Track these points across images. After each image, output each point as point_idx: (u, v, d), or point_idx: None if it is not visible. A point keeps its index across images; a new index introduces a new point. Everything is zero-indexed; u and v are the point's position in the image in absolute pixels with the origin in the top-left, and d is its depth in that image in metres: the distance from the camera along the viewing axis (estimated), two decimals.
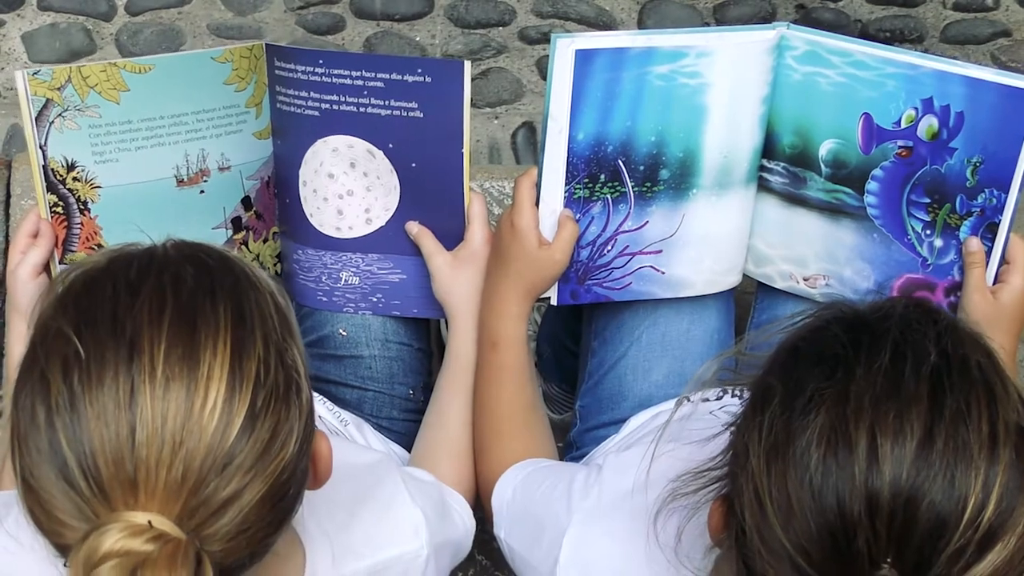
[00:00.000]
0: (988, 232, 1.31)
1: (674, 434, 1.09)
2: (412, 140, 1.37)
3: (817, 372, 0.85)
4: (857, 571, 0.80)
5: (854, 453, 0.80)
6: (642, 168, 1.37)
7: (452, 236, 1.42)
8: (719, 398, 1.29)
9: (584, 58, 1.29)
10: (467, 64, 1.32)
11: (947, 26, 2.26)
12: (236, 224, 1.46)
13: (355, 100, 1.37)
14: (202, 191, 1.41)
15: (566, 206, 1.37)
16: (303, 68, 1.37)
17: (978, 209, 1.31)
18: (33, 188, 1.34)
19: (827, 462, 0.81)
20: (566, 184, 1.35)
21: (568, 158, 1.34)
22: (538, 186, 1.35)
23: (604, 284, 1.43)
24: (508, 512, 1.27)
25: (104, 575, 0.76)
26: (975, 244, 1.31)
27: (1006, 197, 1.29)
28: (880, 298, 1.37)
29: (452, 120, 1.35)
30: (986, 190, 1.30)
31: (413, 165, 1.39)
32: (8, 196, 1.98)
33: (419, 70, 1.33)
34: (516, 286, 1.36)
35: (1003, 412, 0.82)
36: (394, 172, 1.40)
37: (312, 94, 1.37)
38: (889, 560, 0.79)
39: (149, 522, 0.78)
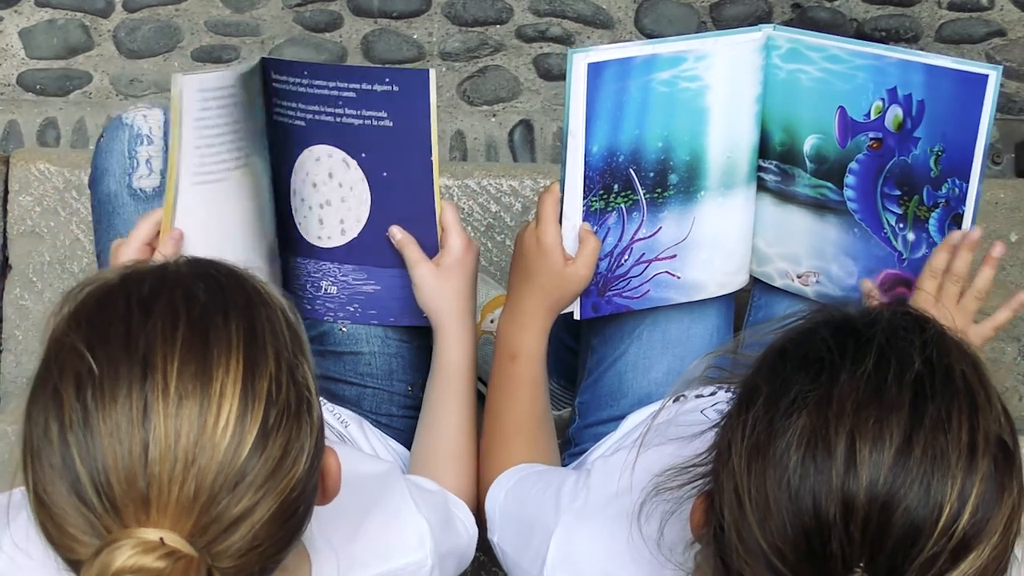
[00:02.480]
0: (954, 223, 1.32)
1: (663, 430, 1.10)
2: (383, 149, 1.38)
3: (802, 375, 0.86)
4: (830, 573, 0.80)
5: (832, 456, 0.81)
6: (652, 174, 1.38)
7: (424, 245, 1.41)
8: (712, 394, 1.30)
9: (595, 71, 1.30)
10: (432, 72, 1.32)
11: (942, 25, 2.26)
12: None
13: (332, 110, 1.37)
14: None
15: (584, 219, 1.38)
16: (293, 80, 1.38)
17: (943, 200, 1.31)
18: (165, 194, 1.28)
19: (806, 464, 0.82)
20: (584, 198, 1.36)
21: (584, 171, 1.35)
22: (561, 202, 1.36)
23: (623, 294, 1.44)
24: (500, 515, 1.29)
25: None
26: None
27: (967, 187, 1.29)
28: (862, 295, 1.38)
29: (420, 129, 1.35)
30: (949, 180, 1.30)
31: (384, 174, 1.39)
32: (6, 192, 1.98)
33: (387, 80, 1.34)
34: (542, 302, 1.38)
35: (984, 423, 0.82)
36: (365, 182, 1.40)
37: (299, 104, 1.38)
38: (862, 564, 0.80)
39: (161, 539, 0.79)
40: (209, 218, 1.32)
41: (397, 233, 1.41)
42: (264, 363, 0.85)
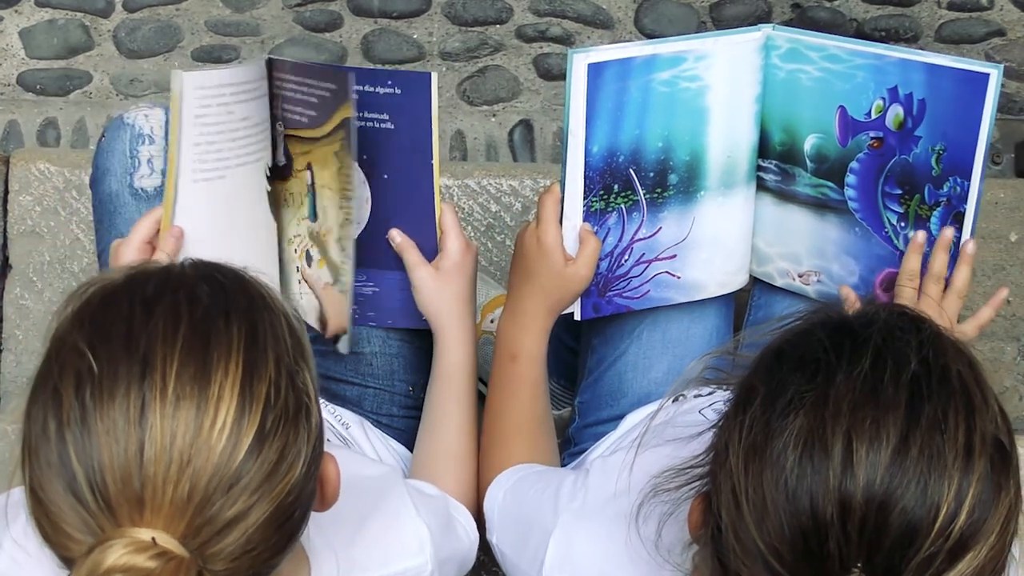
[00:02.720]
0: (955, 221, 1.32)
1: (660, 431, 1.10)
2: (384, 151, 1.37)
3: (799, 375, 0.85)
4: (827, 574, 0.81)
5: (829, 456, 0.81)
6: (652, 174, 1.38)
7: (423, 248, 1.41)
8: (711, 394, 1.30)
9: (595, 71, 1.30)
10: (434, 76, 1.32)
11: (942, 25, 2.26)
12: None
13: None
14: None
15: (584, 220, 1.38)
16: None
17: (944, 199, 1.31)
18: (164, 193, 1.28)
19: (803, 464, 0.82)
20: (584, 198, 1.36)
21: (585, 172, 1.35)
22: (561, 202, 1.36)
23: (624, 295, 1.44)
24: (499, 515, 1.29)
25: None
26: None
27: (969, 185, 1.29)
28: (863, 294, 1.39)
29: (421, 132, 1.35)
30: (950, 178, 1.30)
31: (385, 176, 1.39)
32: (6, 192, 1.98)
33: (389, 82, 1.34)
34: (542, 302, 1.38)
35: (980, 423, 0.82)
36: (366, 184, 1.40)
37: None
38: (859, 564, 0.80)
39: (153, 539, 0.79)
40: (210, 216, 1.32)
41: (396, 236, 1.40)
42: (264, 367, 0.85)
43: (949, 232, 1.31)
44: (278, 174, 1.44)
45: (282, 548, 0.87)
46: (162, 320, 0.84)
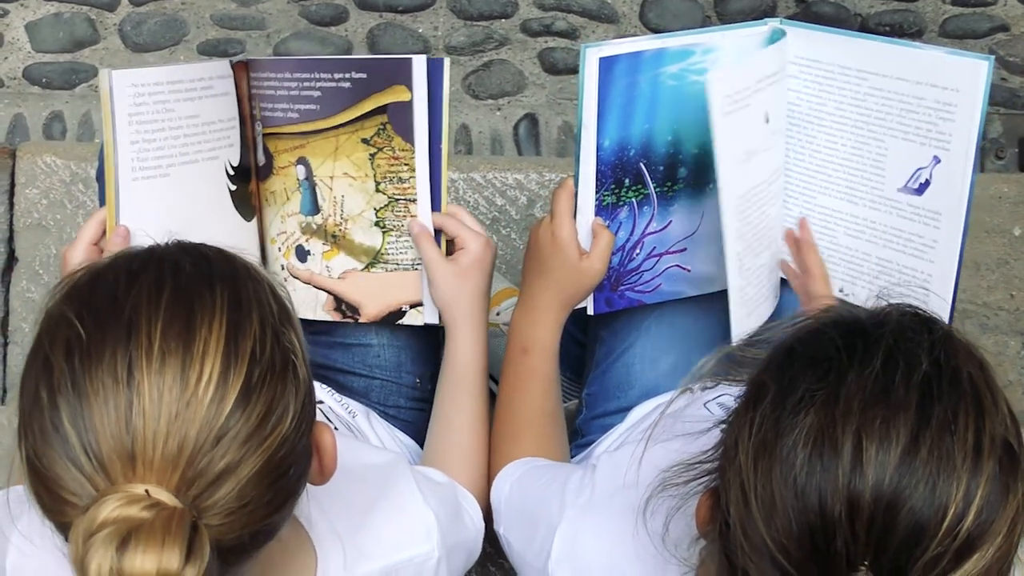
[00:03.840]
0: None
1: (669, 426, 1.10)
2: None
3: (810, 373, 0.85)
4: (834, 572, 0.81)
5: (839, 455, 0.81)
6: (662, 168, 1.39)
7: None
8: (715, 387, 1.30)
9: (606, 65, 1.31)
10: (447, 61, 1.31)
11: (946, 20, 2.27)
12: None
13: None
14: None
15: (596, 214, 1.38)
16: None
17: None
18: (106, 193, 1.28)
19: (812, 462, 0.82)
20: (595, 192, 1.37)
21: (597, 166, 1.36)
22: (575, 196, 1.37)
23: (636, 288, 1.45)
24: (505, 507, 1.29)
25: (100, 542, 0.78)
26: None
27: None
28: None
29: (433, 116, 1.34)
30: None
31: None
32: (12, 185, 1.99)
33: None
34: (556, 295, 1.38)
35: (990, 425, 0.82)
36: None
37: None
38: (866, 563, 0.80)
39: (147, 491, 0.80)
40: (160, 214, 1.31)
41: (415, 226, 1.39)
42: (248, 326, 0.86)
43: (806, 235, 1.40)
44: (259, 175, 1.44)
45: (279, 507, 0.88)
46: (146, 286, 0.86)
